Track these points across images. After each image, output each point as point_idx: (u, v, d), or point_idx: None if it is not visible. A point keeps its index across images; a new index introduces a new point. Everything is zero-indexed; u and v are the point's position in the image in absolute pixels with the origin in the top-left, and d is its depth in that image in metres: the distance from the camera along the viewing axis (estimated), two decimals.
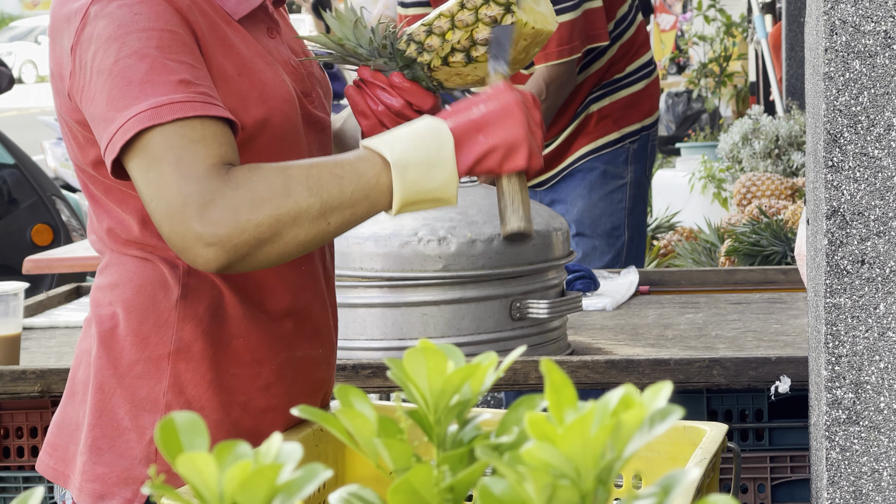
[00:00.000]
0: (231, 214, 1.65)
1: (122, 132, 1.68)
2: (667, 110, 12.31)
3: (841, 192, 1.90)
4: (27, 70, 34.13)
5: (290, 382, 1.92)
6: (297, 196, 1.68)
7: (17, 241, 6.25)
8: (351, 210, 1.71)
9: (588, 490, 0.89)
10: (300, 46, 1.99)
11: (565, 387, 0.92)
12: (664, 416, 0.90)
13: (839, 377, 1.92)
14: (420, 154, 1.71)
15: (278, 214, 1.67)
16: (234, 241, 1.66)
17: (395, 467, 0.98)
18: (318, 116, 1.94)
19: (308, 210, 1.68)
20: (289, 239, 1.68)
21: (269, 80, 1.84)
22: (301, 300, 1.92)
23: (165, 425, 0.93)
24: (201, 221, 1.65)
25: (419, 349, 1.01)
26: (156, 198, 1.67)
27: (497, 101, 1.77)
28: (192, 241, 1.66)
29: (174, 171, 1.66)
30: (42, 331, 3.28)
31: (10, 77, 6.61)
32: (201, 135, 1.68)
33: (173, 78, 1.69)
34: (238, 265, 1.69)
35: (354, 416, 1.00)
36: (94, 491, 1.85)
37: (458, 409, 1.01)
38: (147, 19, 1.72)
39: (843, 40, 1.89)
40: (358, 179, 1.70)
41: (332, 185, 1.69)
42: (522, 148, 1.76)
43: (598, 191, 3.79)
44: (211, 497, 0.89)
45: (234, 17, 1.85)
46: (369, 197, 1.71)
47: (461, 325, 2.65)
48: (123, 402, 1.85)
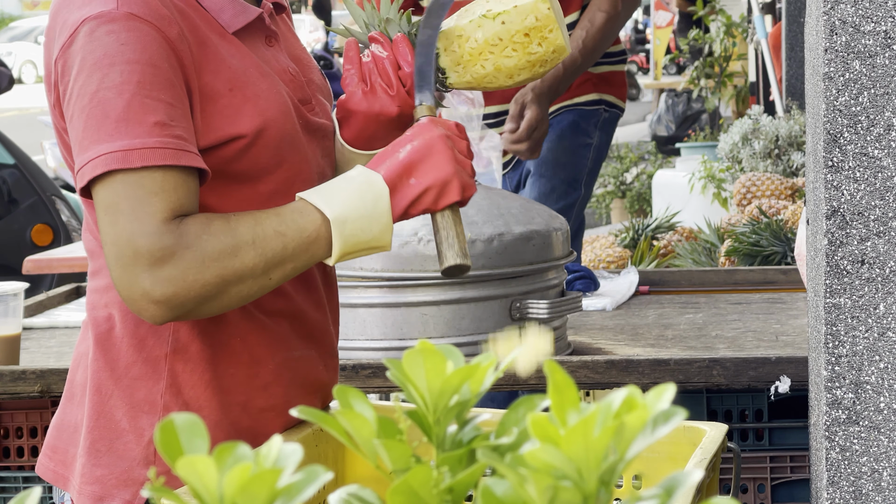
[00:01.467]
0: (179, 274, 1.71)
1: (91, 167, 1.72)
2: (667, 110, 12.31)
3: (841, 192, 1.90)
4: (27, 70, 34.13)
5: (288, 382, 1.92)
6: (243, 256, 1.74)
7: (17, 241, 6.25)
8: (292, 265, 1.77)
9: (590, 492, 0.89)
10: (302, 53, 1.99)
11: (568, 387, 0.92)
12: (667, 418, 0.90)
13: (839, 377, 1.92)
14: (358, 209, 1.78)
15: (224, 274, 1.73)
16: (179, 299, 1.71)
17: (394, 468, 0.98)
18: (318, 124, 1.94)
19: (253, 269, 1.75)
20: (232, 295, 1.75)
21: (264, 92, 1.84)
22: (296, 302, 1.92)
23: (165, 427, 0.93)
24: (150, 279, 1.70)
25: (418, 350, 1.01)
26: (109, 243, 1.72)
27: (422, 140, 1.82)
28: (138, 295, 1.71)
29: (129, 223, 1.71)
30: (42, 331, 3.29)
31: (10, 77, 6.61)
32: (161, 186, 1.72)
33: (150, 119, 1.72)
34: (181, 318, 1.75)
35: (353, 417, 1.00)
36: (93, 493, 1.85)
37: (457, 409, 1.01)
38: (132, 51, 1.73)
39: (843, 40, 1.89)
40: (299, 235, 1.77)
41: (275, 243, 1.76)
42: (453, 183, 1.81)
43: (566, 139, 3.84)
44: (211, 500, 0.89)
45: (229, 29, 1.85)
46: (309, 250, 1.78)
47: (461, 325, 2.65)
48: (121, 404, 1.85)
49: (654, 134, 12.44)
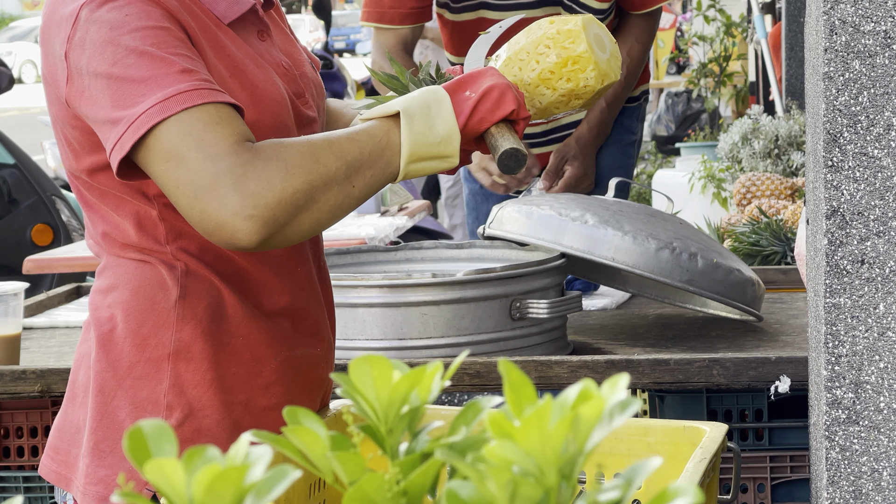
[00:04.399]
0: (266, 184, 1.66)
1: (133, 130, 1.67)
2: (667, 110, 12.30)
3: (841, 192, 1.90)
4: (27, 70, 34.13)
5: (290, 381, 1.92)
6: (325, 161, 1.71)
7: (17, 241, 6.25)
8: (371, 171, 1.76)
9: (551, 485, 0.88)
10: (293, 48, 2.00)
11: (524, 385, 0.92)
12: (623, 407, 0.90)
13: (839, 377, 1.92)
14: (422, 107, 1.80)
15: (311, 179, 1.69)
16: (272, 211, 1.66)
17: (349, 479, 0.97)
18: (310, 117, 1.95)
19: (336, 174, 1.72)
20: (321, 203, 1.71)
21: (260, 83, 1.84)
22: (298, 299, 1.93)
23: (133, 434, 0.92)
24: (238, 195, 1.64)
25: (364, 359, 1.00)
26: (181, 184, 1.66)
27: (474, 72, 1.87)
28: (229, 217, 1.65)
29: (198, 154, 1.66)
30: (42, 331, 3.29)
31: (10, 77, 6.61)
32: (217, 117, 1.68)
33: (175, 69, 1.69)
34: (275, 237, 1.68)
35: (304, 434, 0.99)
36: (97, 494, 1.86)
37: (408, 417, 1.01)
38: (138, 19, 1.72)
39: (842, 40, 1.89)
40: (372, 141, 1.77)
41: (352, 148, 1.75)
42: (508, 92, 1.84)
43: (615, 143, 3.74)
44: (180, 502, 0.88)
45: (224, 20, 1.86)
46: (384, 155, 1.77)
47: (461, 325, 2.65)
48: (124, 404, 1.86)
49: (654, 134, 12.44)
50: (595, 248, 2.74)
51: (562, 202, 2.85)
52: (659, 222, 2.88)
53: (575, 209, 2.80)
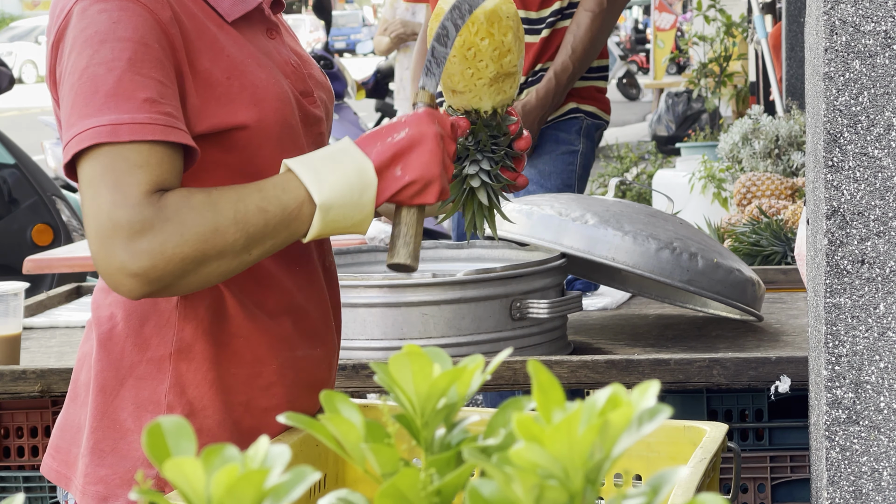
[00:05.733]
0: (158, 246, 1.68)
1: (77, 141, 1.71)
2: (667, 110, 12.31)
3: (841, 192, 1.90)
4: (27, 70, 34.14)
5: (291, 382, 1.92)
6: (224, 231, 1.71)
7: (17, 241, 6.25)
8: (272, 241, 1.75)
9: (576, 490, 0.88)
10: (300, 48, 2.00)
11: (553, 387, 0.91)
12: (652, 415, 0.90)
13: (839, 377, 1.92)
14: (345, 196, 1.76)
15: (205, 249, 1.70)
16: (157, 273, 1.68)
17: (382, 472, 0.97)
18: (317, 116, 1.95)
19: (234, 245, 1.72)
20: (211, 270, 1.72)
21: (262, 82, 1.84)
22: (299, 300, 1.93)
23: (152, 430, 0.93)
24: (128, 251, 1.67)
25: (405, 353, 1.01)
26: (88, 216, 1.70)
27: (417, 130, 1.79)
28: (115, 269, 1.68)
29: (110, 195, 1.69)
30: (42, 331, 3.29)
31: (10, 77, 6.61)
32: (146, 160, 1.70)
33: (140, 95, 1.71)
34: (158, 294, 1.71)
35: (341, 422, 0.99)
36: (97, 493, 1.86)
37: (445, 412, 1.01)
38: (124, 29, 1.73)
39: (843, 40, 1.89)
40: (282, 212, 1.75)
41: (257, 218, 1.73)
42: (435, 185, 1.79)
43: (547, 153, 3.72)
44: (198, 502, 0.88)
45: (228, 18, 1.86)
46: (290, 227, 1.76)
47: (461, 325, 2.65)
48: (125, 404, 1.86)
49: (654, 134, 12.44)
50: (595, 248, 2.74)
51: (562, 202, 2.85)
52: (659, 222, 2.88)
53: (575, 209, 2.80)
